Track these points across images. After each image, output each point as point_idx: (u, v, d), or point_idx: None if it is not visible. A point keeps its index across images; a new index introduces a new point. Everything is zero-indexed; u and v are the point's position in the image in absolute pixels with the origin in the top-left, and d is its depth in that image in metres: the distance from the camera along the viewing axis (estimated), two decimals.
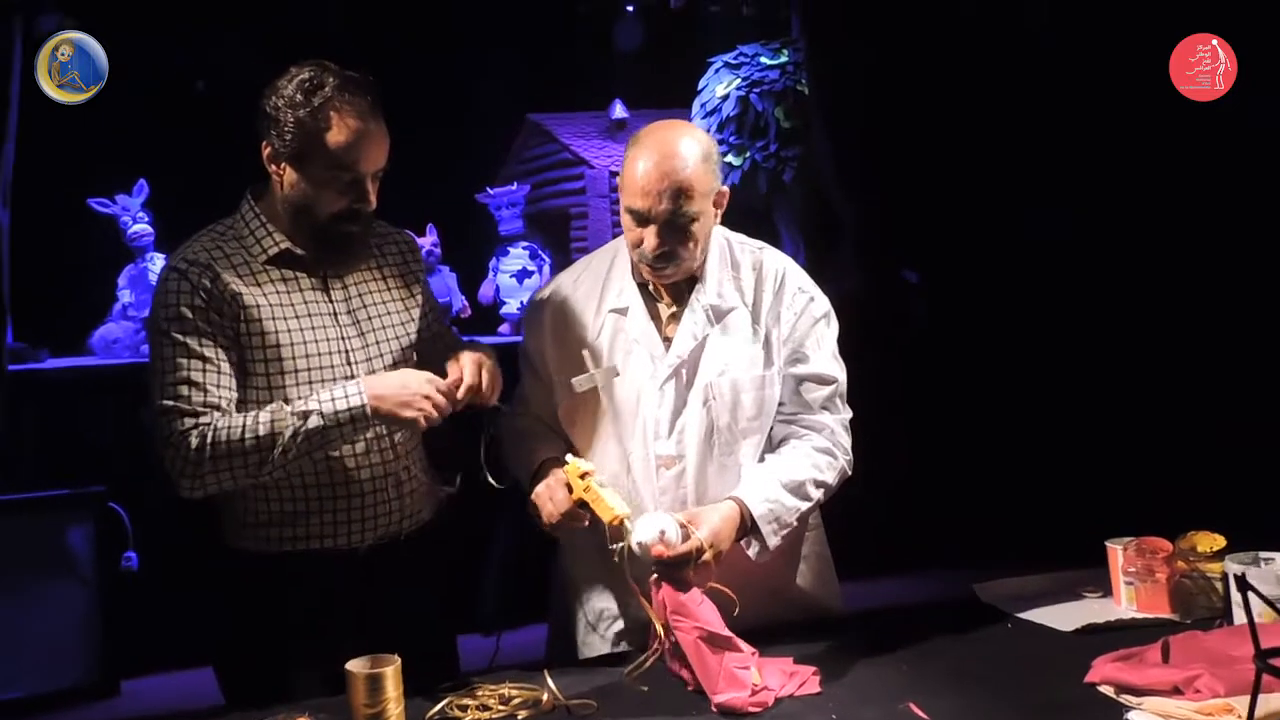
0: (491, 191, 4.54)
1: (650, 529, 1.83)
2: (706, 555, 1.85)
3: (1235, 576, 1.54)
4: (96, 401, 3.69)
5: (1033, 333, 4.11)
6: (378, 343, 2.05)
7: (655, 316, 2.09)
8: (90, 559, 3.47)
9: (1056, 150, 4.07)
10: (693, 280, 2.09)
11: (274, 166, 1.96)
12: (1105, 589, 2.23)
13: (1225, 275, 3.91)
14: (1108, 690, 1.74)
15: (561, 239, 4.69)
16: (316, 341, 1.99)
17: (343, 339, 2.01)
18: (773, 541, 1.97)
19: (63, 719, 3.27)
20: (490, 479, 1.98)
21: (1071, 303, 4.09)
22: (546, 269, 4.49)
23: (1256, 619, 1.89)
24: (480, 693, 1.83)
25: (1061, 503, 3.68)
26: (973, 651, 1.97)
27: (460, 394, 1.95)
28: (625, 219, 2.02)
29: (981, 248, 4.12)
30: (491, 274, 4.55)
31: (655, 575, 1.85)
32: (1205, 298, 3.93)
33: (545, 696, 1.81)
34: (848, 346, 2.21)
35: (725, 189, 2.06)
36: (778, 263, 2.14)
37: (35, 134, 3.51)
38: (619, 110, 4.67)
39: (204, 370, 1.91)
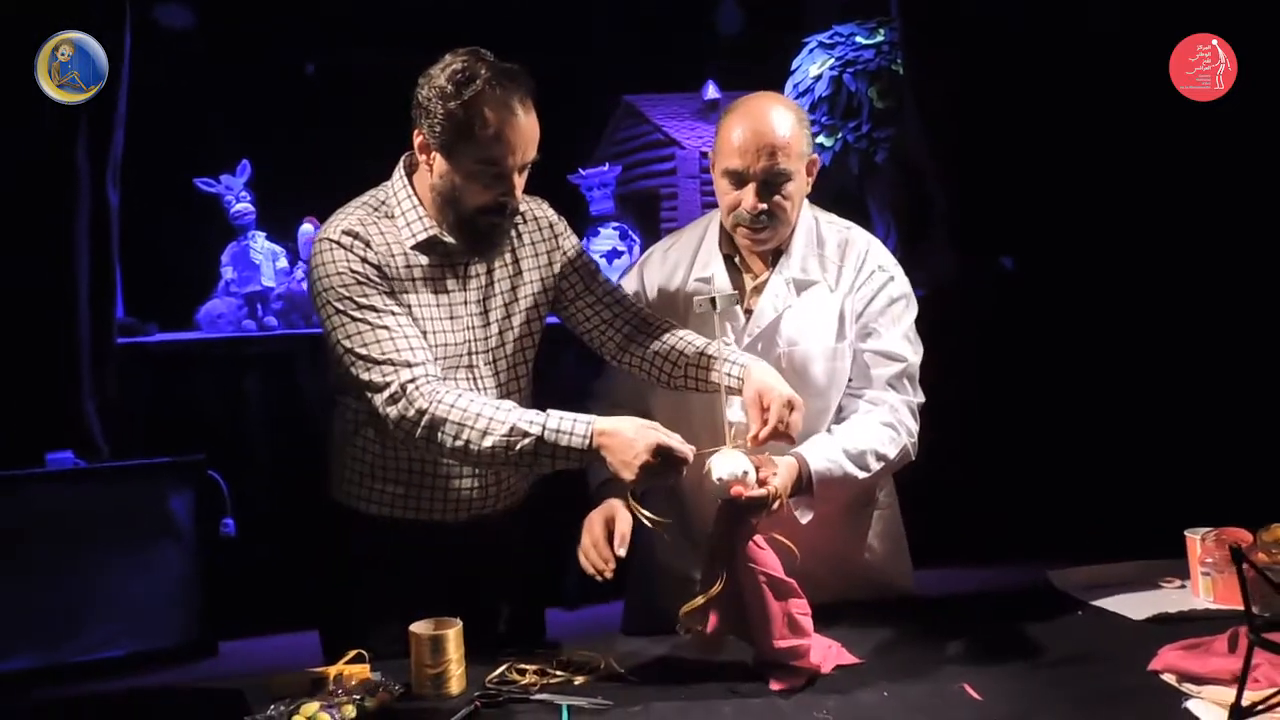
0: (583, 172, 4.57)
1: (733, 466, 1.80)
2: (776, 504, 1.85)
3: (1231, 548, 1.49)
4: (200, 374, 3.82)
5: (1118, 322, 4.00)
6: (500, 333, 2.06)
7: (739, 288, 2.12)
8: (190, 525, 3.59)
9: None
10: (777, 252, 2.13)
11: (425, 155, 1.96)
12: (1185, 579, 2.18)
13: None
14: (1169, 678, 1.70)
15: (652, 220, 4.69)
16: (449, 332, 2.01)
17: (469, 328, 2.03)
18: (820, 504, 1.97)
19: (163, 676, 3.40)
20: (643, 511, 1.90)
21: (1154, 294, 3.98)
22: (636, 249, 4.50)
23: None
24: (540, 659, 1.88)
25: (1146, 493, 3.58)
26: (1037, 636, 1.94)
27: (763, 435, 1.86)
28: (721, 184, 2.08)
29: (1071, 235, 4.01)
30: None
31: (721, 512, 1.82)
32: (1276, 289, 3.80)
33: (603, 664, 1.84)
34: (938, 331, 2.20)
35: (816, 157, 2.12)
36: (863, 242, 2.17)
37: (143, 117, 3.67)
38: (712, 91, 4.63)
39: (398, 323, 1.92)
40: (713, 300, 1.90)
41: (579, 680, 1.81)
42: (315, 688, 1.80)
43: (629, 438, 1.79)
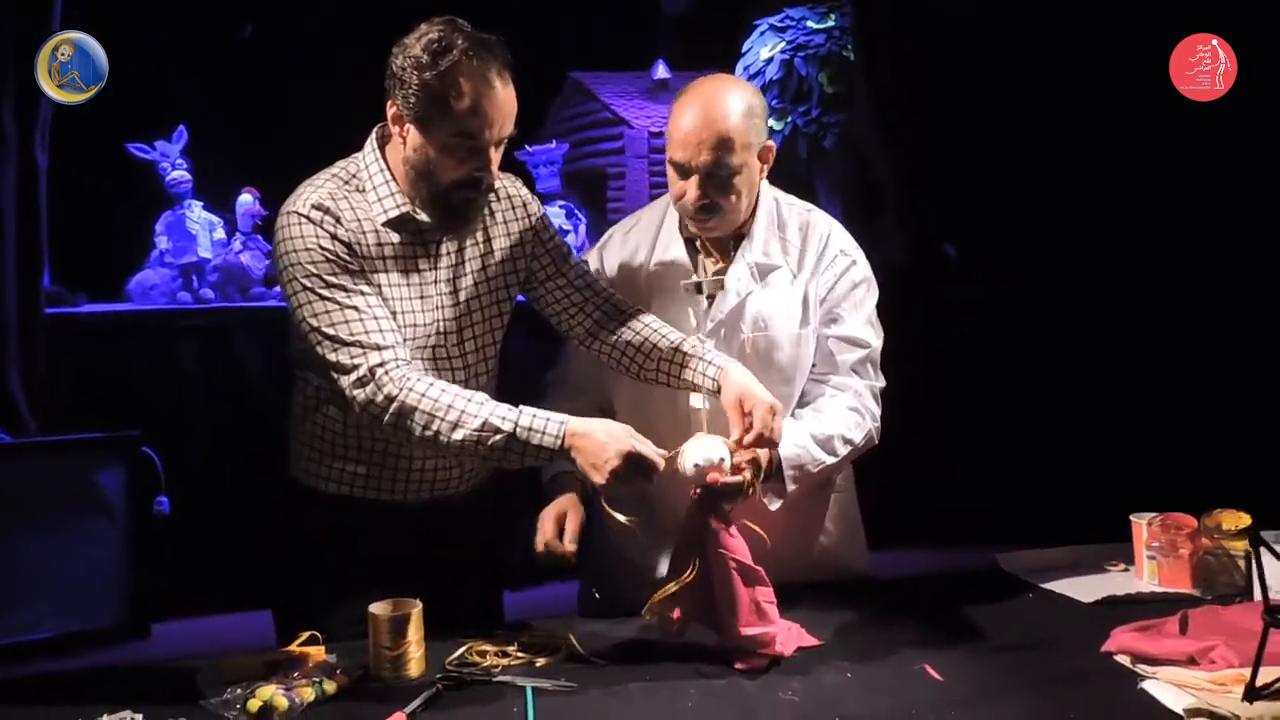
0: (530, 149, 4.52)
1: (709, 452, 1.79)
2: (750, 491, 1.85)
3: (1251, 532, 1.54)
4: (132, 347, 3.72)
5: (1066, 311, 4.08)
6: (470, 312, 2.02)
7: (699, 272, 2.09)
8: (122, 502, 3.50)
9: (1069, 142, 4.04)
10: (739, 237, 2.10)
11: (398, 127, 1.91)
12: (1128, 563, 2.23)
13: (1245, 265, 3.88)
14: (1124, 660, 1.73)
15: (598, 198, 4.67)
16: (419, 311, 1.97)
17: (439, 307, 1.99)
18: (790, 488, 1.97)
19: (93, 659, 3.31)
20: (615, 513, 1.86)
21: (1106, 285, 4.06)
22: (582, 228, 4.48)
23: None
24: (501, 640, 1.85)
25: (1090, 479, 3.67)
26: (991, 618, 1.97)
27: (747, 440, 1.85)
28: (669, 171, 2.04)
29: (1018, 222, 4.08)
30: None
31: (696, 499, 1.81)
32: (1234, 286, 3.91)
33: (565, 646, 1.82)
34: (887, 316, 2.21)
35: (771, 144, 2.07)
36: (824, 225, 2.15)
37: None
38: (661, 71, 4.62)
39: (367, 303, 1.87)
40: (698, 285, 1.89)
41: (541, 662, 1.80)
42: (269, 670, 1.76)
43: (601, 441, 1.77)
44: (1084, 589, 2.10)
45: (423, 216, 1.94)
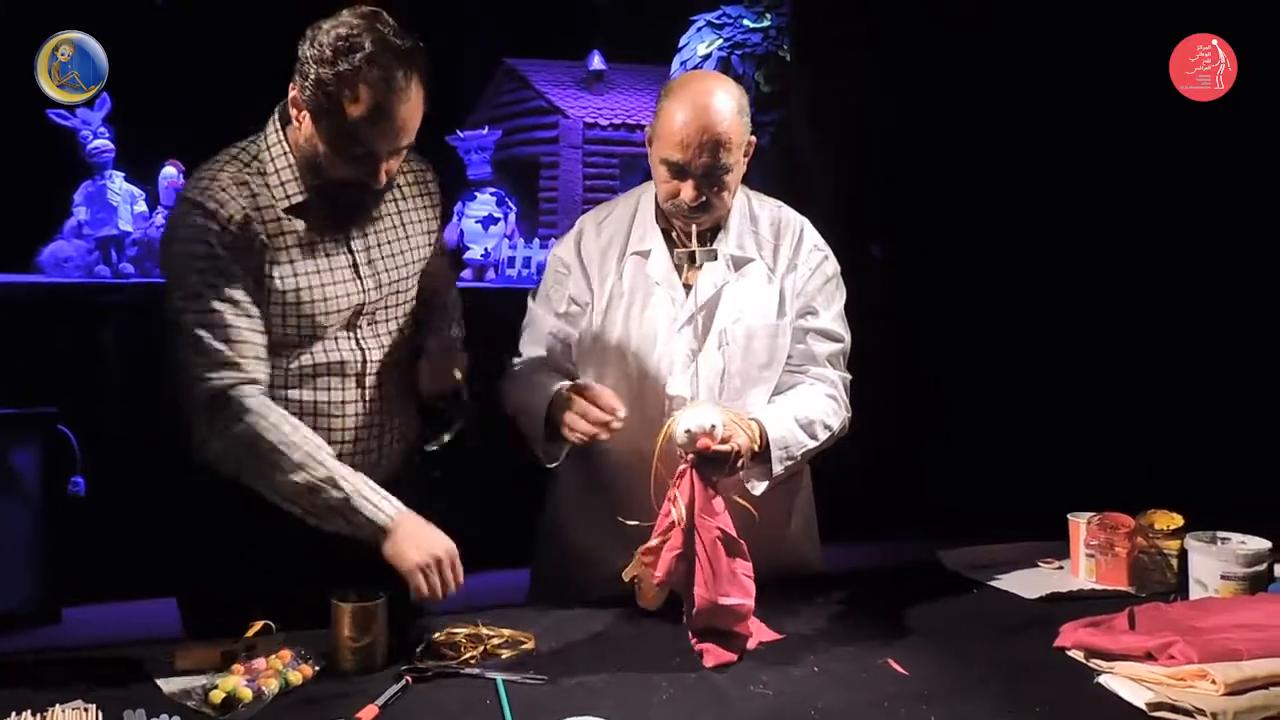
0: (461, 135, 4.47)
1: (702, 418, 1.80)
2: (742, 462, 1.87)
3: None
4: (47, 321, 3.57)
5: (1008, 315, 4.17)
6: (395, 294, 2.00)
7: (676, 263, 2.10)
8: (36, 482, 3.37)
9: (1054, 143, 4.11)
10: (715, 229, 2.11)
11: (296, 110, 1.84)
12: (1063, 560, 2.29)
13: (1211, 270, 3.99)
14: (1077, 655, 1.79)
15: (530, 187, 4.64)
16: (335, 298, 1.92)
17: (362, 291, 1.94)
18: (777, 469, 1.98)
19: (2, 644, 3.17)
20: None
21: (1048, 289, 4.16)
22: (512, 217, 4.44)
23: (1214, 594, 1.99)
24: (460, 631, 1.83)
25: (1027, 478, 3.75)
26: (943, 614, 2.02)
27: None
28: (660, 170, 2.03)
29: (957, 225, 4.16)
30: (456, 218, 4.49)
31: (686, 466, 1.82)
32: (1189, 292, 4.00)
33: (532, 639, 1.81)
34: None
35: (754, 140, 2.09)
36: (796, 221, 2.19)
37: None
38: (597, 62, 4.61)
39: (237, 314, 1.82)
40: (691, 256, 1.89)
41: (506, 654, 1.78)
42: (226, 660, 1.71)
43: (427, 547, 1.79)
44: (1026, 585, 2.17)
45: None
